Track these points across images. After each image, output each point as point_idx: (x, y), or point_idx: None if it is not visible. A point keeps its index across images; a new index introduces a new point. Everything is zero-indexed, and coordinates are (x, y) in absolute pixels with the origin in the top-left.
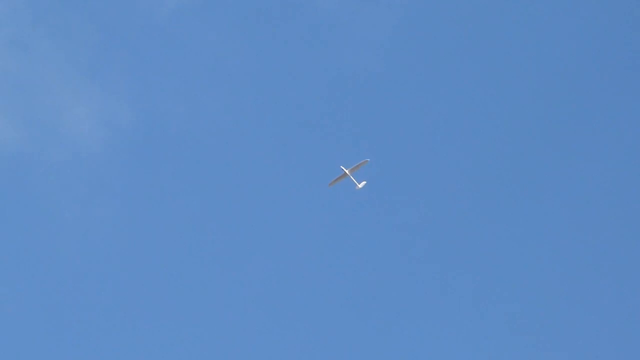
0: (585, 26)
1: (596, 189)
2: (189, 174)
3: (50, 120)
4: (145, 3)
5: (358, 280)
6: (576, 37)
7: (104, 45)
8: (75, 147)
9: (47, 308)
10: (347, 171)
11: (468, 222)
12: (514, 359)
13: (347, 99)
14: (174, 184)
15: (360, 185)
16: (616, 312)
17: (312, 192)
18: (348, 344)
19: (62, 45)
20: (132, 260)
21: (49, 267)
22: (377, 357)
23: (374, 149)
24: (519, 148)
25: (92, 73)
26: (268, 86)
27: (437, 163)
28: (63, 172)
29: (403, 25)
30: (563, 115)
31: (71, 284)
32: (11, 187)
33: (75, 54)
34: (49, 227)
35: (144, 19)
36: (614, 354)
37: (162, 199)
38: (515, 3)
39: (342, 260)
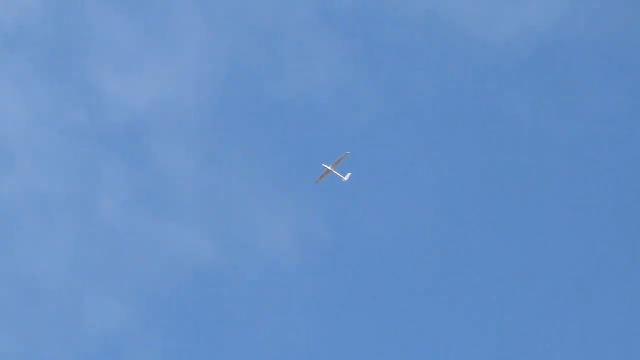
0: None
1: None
2: (385, 290)
3: (246, 235)
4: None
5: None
6: None
7: (299, 161)
8: (271, 262)
9: None
10: (329, 167)
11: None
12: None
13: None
14: (370, 299)
15: (345, 178)
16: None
17: None
18: None
19: (256, 161)
20: None
21: None
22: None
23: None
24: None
25: (287, 188)
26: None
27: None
28: (258, 287)
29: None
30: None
31: None
32: (207, 302)
33: (271, 169)
34: (244, 342)
35: (335, 132)
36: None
37: (357, 316)
38: None
39: None
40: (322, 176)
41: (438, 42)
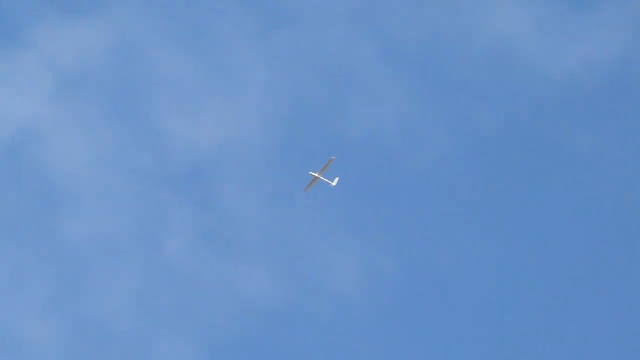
0: None
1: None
2: (454, 325)
3: (312, 273)
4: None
5: None
6: None
7: (363, 199)
8: (337, 299)
9: None
10: (316, 174)
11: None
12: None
13: None
14: (439, 335)
15: (334, 183)
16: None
17: None
18: None
19: (321, 199)
20: None
21: None
22: None
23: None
24: None
25: (352, 225)
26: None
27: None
28: (326, 324)
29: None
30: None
31: None
32: (275, 342)
33: (335, 207)
34: None
35: (402, 169)
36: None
37: (427, 352)
38: None
39: None
40: (310, 184)
41: (501, 77)
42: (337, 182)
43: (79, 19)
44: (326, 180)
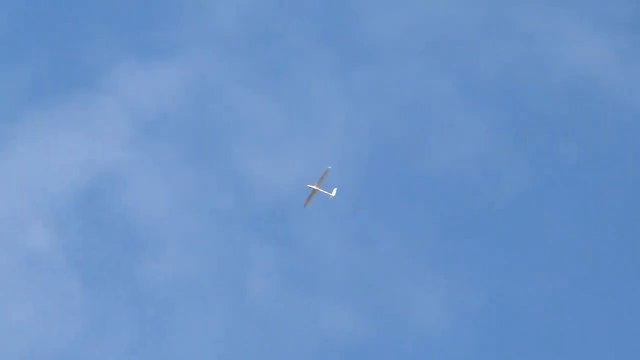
0: None
1: None
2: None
3: (397, 310)
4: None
5: None
6: None
7: (445, 235)
8: (423, 335)
9: None
10: (314, 187)
11: None
12: None
13: None
14: None
15: (333, 194)
16: None
17: None
18: None
19: (404, 236)
20: None
21: None
22: None
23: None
24: None
25: (436, 261)
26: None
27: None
28: None
29: None
30: None
31: None
32: None
33: (418, 243)
34: None
35: (483, 205)
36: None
37: None
38: None
39: None
40: (309, 198)
41: (582, 109)
42: (335, 193)
43: (157, 62)
44: (325, 192)
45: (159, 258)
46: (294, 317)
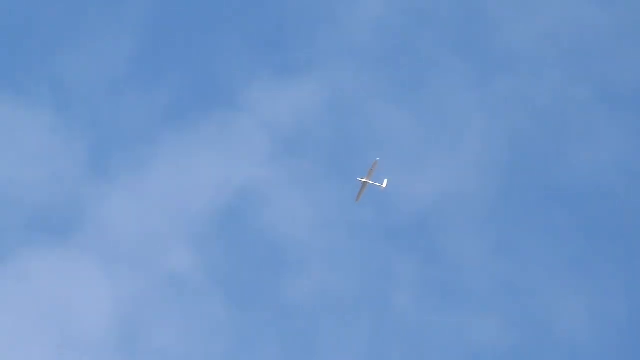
0: None
1: None
2: None
3: (542, 319)
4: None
5: None
6: None
7: (588, 243)
8: (568, 345)
9: None
10: (364, 179)
11: None
12: None
13: None
14: None
15: (384, 185)
16: None
17: None
18: None
19: (546, 245)
20: None
21: None
22: None
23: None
24: None
25: (579, 268)
26: None
27: None
28: None
29: None
30: None
31: None
32: None
33: (561, 251)
34: None
35: (625, 211)
36: None
37: None
38: None
39: None
40: (360, 192)
41: None
42: (387, 184)
43: (293, 78)
44: (375, 183)
45: (301, 275)
46: (439, 329)
